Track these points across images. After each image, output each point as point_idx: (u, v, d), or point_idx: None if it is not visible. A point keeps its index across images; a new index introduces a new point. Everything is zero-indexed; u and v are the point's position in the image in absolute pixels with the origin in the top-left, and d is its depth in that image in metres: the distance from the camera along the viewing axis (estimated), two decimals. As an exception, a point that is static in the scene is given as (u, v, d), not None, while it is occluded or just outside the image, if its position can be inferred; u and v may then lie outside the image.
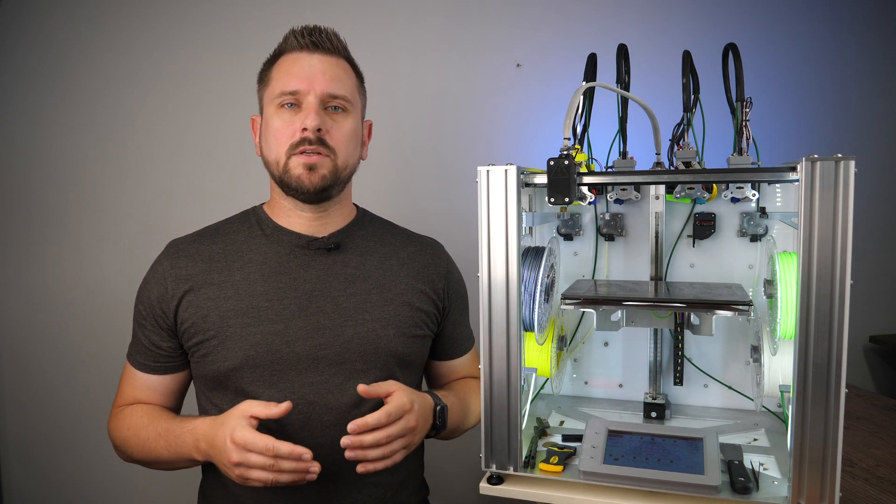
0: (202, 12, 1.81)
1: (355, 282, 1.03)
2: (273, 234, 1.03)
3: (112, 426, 1.03)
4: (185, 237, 1.05)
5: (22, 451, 1.89)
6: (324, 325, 0.99)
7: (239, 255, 1.01)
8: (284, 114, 0.98)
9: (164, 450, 0.95)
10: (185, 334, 0.99)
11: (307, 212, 1.03)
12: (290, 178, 0.98)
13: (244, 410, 0.86)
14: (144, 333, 1.01)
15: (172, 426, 0.96)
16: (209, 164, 1.83)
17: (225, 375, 0.96)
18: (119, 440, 1.02)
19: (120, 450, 1.03)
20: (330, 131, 0.98)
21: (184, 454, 0.94)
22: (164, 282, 0.99)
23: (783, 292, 0.92)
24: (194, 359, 1.00)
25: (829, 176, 0.79)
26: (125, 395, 1.05)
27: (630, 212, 1.22)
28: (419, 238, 1.16)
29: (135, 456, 1.00)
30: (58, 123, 1.81)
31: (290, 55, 1.00)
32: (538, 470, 0.96)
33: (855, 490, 1.06)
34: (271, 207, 1.06)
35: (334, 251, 1.04)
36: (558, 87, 1.82)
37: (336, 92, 0.99)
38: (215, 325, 0.97)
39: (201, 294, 0.98)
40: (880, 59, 2.00)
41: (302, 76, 0.97)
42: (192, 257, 1.01)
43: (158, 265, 1.02)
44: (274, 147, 0.99)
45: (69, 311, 1.84)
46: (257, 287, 0.99)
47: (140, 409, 1.01)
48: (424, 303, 1.08)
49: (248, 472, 0.84)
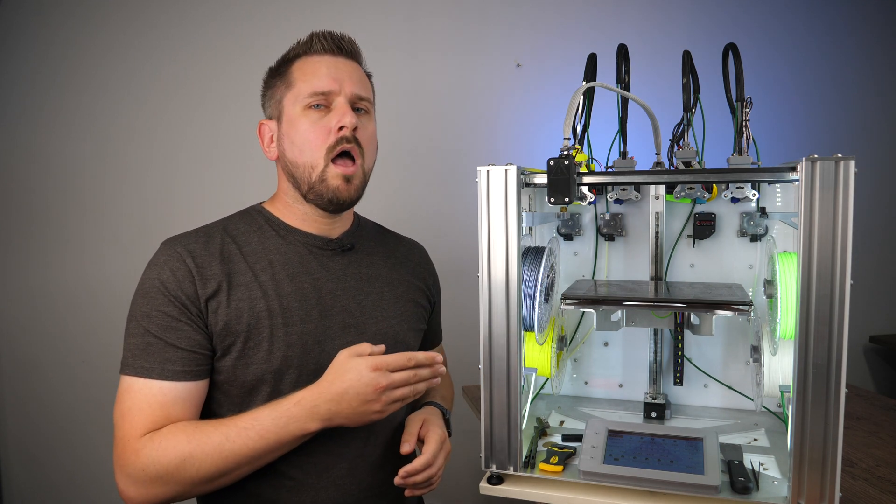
0: (202, 13, 1.81)
1: (370, 281, 1.05)
2: (287, 234, 1.02)
3: (146, 458, 0.84)
4: (186, 237, 0.99)
5: (22, 451, 1.89)
6: (349, 324, 1.00)
7: (258, 255, 0.99)
8: (313, 114, 0.96)
9: (257, 440, 0.85)
10: (217, 336, 0.93)
11: (323, 217, 1.03)
12: (327, 189, 0.96)
13: (354, 350, 0.88)
14: (183, 334, 0.90)
15: (259, 414, 0.87)
16: (209, 164, 1.83)
17: (261, 378, 0.93)
18: (173, 464, 0.84)
19: (169, 477, 0.84)
20: (360, 132, 0.98)
21: (292, 432, 0.86)
22: (191, 280, 0.92)
23: (783, 292, 0.92)
24: (225, 362, 0.93)
25: (829, 176, 0.79)
26: (147, 418, 0.87)
27: (630, 212, 1.22)
28: (406, 239, 1.20)
29: (202, 471, 0.85)
30: (57, 124, 1.81)
31: (312, 57, 0.99)
32: (538, 470, 0.96)
33: (855, 490, 1.05)
34: (277, 208, 1.04)
35: (347, 251, 1.05)
36: (558, 87, 1.83)
37: (362, 94, 1.00)
38: (251, 326, 0.93)
39: (232, 295, 0.93)
40: (880, 60, 2.00)
41: (331, 77, 0.97)
42: (213, 256, 0.96)
43: (179, 262, 0.93)
44: (307, 150, 0.96)
45: (69, 311, 1.84)
46: (284, 287, 0.97)
47: (186, 425, 0.87)
48: (421, 298, 1.13)
49: (393, 393, 0.86)
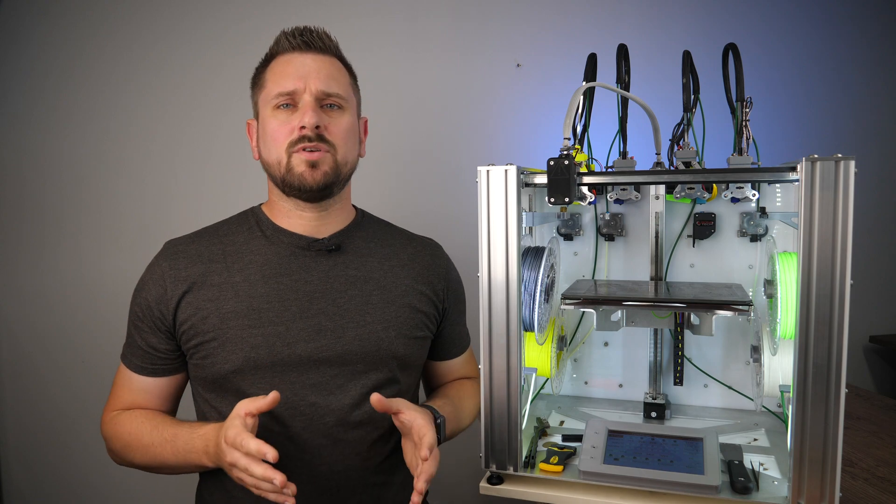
0: (200, 12, 1.81)
1: (356, 283, 1.03)
2: (273, 235, 1.03)
3: (108, 430, 1.01)
4: (183, 238, 1.04)
5: (22, 452, 1.89)
6: (325, 327, 0.98)
7: (239, 256, 1.01)
8: (280, 114, 0.98)
9: (171, 455, 0.94)
10: (184, 336, 0.98)
11: (308, 212, 1.03)
12: (293, 177, 0.97)
13: (238, 410, 0.85)
14: (141, 335, 0.99)
15: (179, 432, 0.94)
16: (207, 164, 1.83)
17: (225, 377, 0.96)
18: (118, 445, 0.99)
19: (118, 454, 1.01)
20: (328, 128, 0.98)
21: (192, 460, 0.92)
22: (162, 282, 0.98)
23: (783, 292, 0.92)
24: (193, 361, 0.99)
25: (829, 176, 0.79)
26: (120, 397, 1.02)
27: (630, 212, 1.22)
28: (419, 239, 1.16)
29: (136, 461, 0.98)
30: (56, 123, 1.81)
31: (282, 57, 1.00)
32: (538, 470, 0.96)
33: (855, 490, 1.05)
34: (270, 209, 1.06)
35: (335, 252, 1.04)
36: (558, 86, 1.82)
37: (330, 90, 0.99)
38: (215, 326, 0.96)
39: (201, 295, 0.97)
40: (880, 59, 2.00)
41: (296, 76, 0.97)
42: (191, 258, 1.00)
43: (156, 266, 1.01)
44: (273, 148, 0.98)
45: (68, 311, 1.84)
46: (258, 289, 0.98)
47: (140, 414, 1.00)
48: (425, 304, 1.08)
49: (239, 472, 0.82)
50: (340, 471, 0.98)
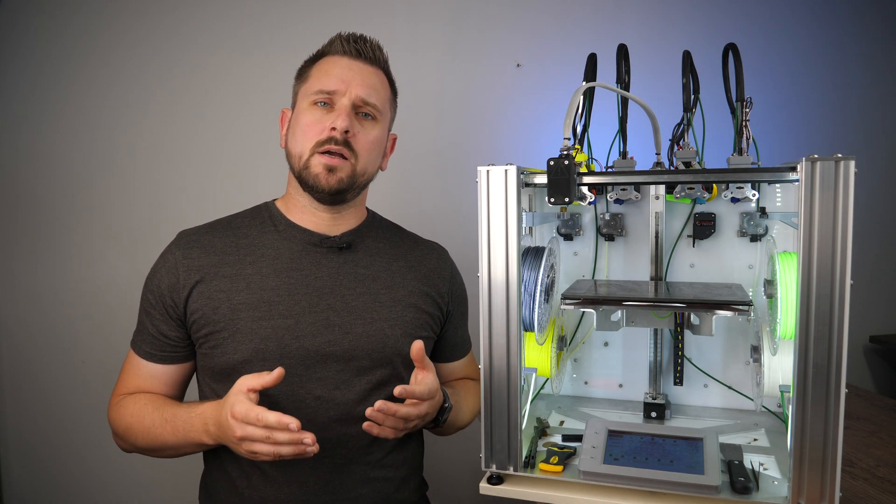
0: (210, 10, 1.81)
1: (365, 281, 1.04)
2: (286, 230, 1.05)
3: (113, 414, 1.02)
4: (197, 228, 1.06)
5: (22, 451, 1.89)
6: (333, 323, 1.00)
7: (251, 249, 1.02)
8: (316, 111, 1.00)
9: (171, 435, 0.95)
10: (195, 325, 0.99)
11: (322, 210, 1.05)
12: (309, 176, 0.99)
13: (240, 385, 0.86)
14: (152, 322, 1.01)
15: (179, 411, 0.96)
16: (216, 163, 1.83)
17: (233, 368, 0.97)
18: (122, 428, 1.00)
19: (122, 438, 1.02)
20: (357, 136, 1.00)
21: (192, 439, 0.94)
22: (175, 271, 1.00)
23: (783, 292, 0.92)
24: (202, 350, 1.00)
25: (829, 176, 0.79)
26: (127, 383, 1.04)
27: (630, 212, 1.22)
28: (425, 242, 1.18)
29: (138, 443, 0.99)
30: (62, 122, 1.81)
31: (332, 57, 1.03)
32: (538, 470, 0.96)
33: (855, 490, 1.06)
34: (285, 203, 1.08)
35: (346, 250, 1.06)
36: (558, 87, 1.82)
37: (369, 99, 1.02)
38: (226, 317, 0.97)
39: (213, 286, 0.99)
40: (880, 60, 2.00)
41: (340, 78, 1.00)
42: (205, 248, 1.02)
43: (169, 254, 1.02)
44: (300, 141, 1.00)
45: (71, 310, 1.84)
46: (269, 282, 1.00)
47: (143, 397, 1.01)
48: (429, 305, 1.10)
49: (252, 445, 0.84)
50: (342, 465, 0.99)
